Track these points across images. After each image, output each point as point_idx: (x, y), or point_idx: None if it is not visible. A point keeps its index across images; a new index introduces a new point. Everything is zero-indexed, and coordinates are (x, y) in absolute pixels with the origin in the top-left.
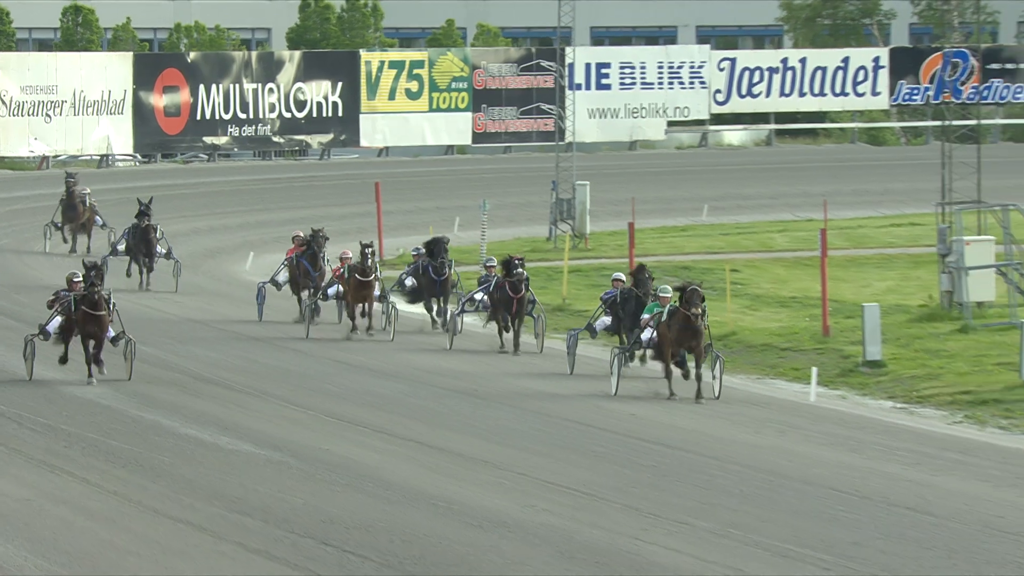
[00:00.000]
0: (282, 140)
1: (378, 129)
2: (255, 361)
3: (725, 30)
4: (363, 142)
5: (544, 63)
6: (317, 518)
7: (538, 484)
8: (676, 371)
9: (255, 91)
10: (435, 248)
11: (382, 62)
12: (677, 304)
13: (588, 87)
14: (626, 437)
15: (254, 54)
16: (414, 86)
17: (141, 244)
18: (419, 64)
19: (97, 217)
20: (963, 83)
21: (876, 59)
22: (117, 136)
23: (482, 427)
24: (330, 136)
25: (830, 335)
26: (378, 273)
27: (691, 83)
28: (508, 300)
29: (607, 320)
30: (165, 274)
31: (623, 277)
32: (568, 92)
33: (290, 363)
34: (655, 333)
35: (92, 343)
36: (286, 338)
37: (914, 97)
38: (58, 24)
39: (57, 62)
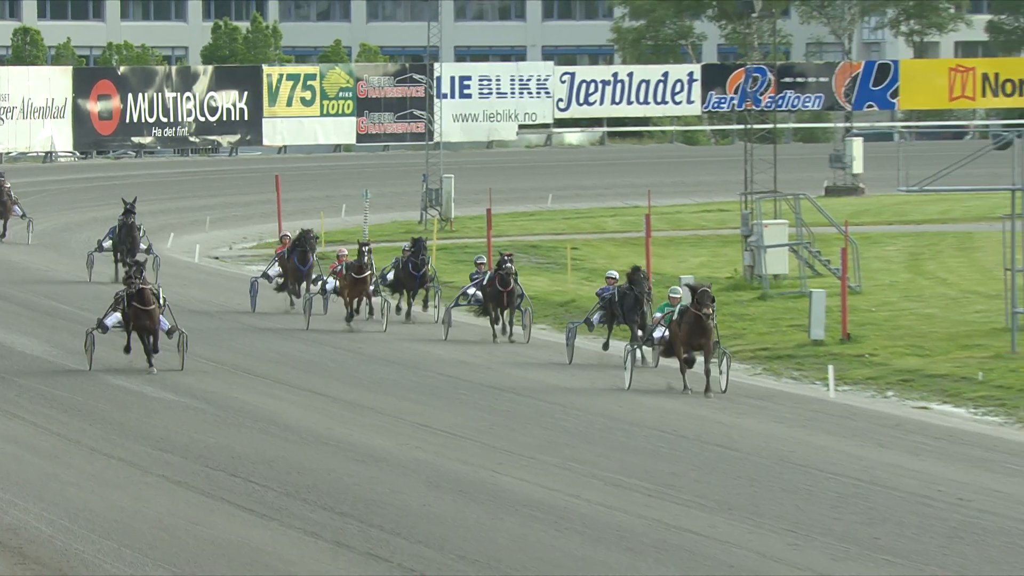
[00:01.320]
0: (197, 140)
1: (278, 131)
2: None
3: (566, 49)
4: (265, 141)
5: (416, 76)
6: (227, 455)
7: (411, 426)
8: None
9: (175, 99)
10: (416, 247)
11: (281, 75)
12: (687, 304)
13: (453, 96)
14: (484, 387)
15: (174, 68)
16: (308, 95)
17: (126, 240)
18: (312, 77)
19: (16, 207)
20: (762, 93)
21: (690, 74)
22: (59, 136)
23: (366, 380)
24: (237, 136)
25: (653, 301)
26: (373, 270)
27: (538, 93)
28: (499, 293)
29: (599, 315)
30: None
31: (616, 275)
32: (436, 100)
33: (206, 324)
34: (667, 331)
35: (147, 336)
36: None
37: (722, 105)
38: (9, 43)
39: (8, 74)
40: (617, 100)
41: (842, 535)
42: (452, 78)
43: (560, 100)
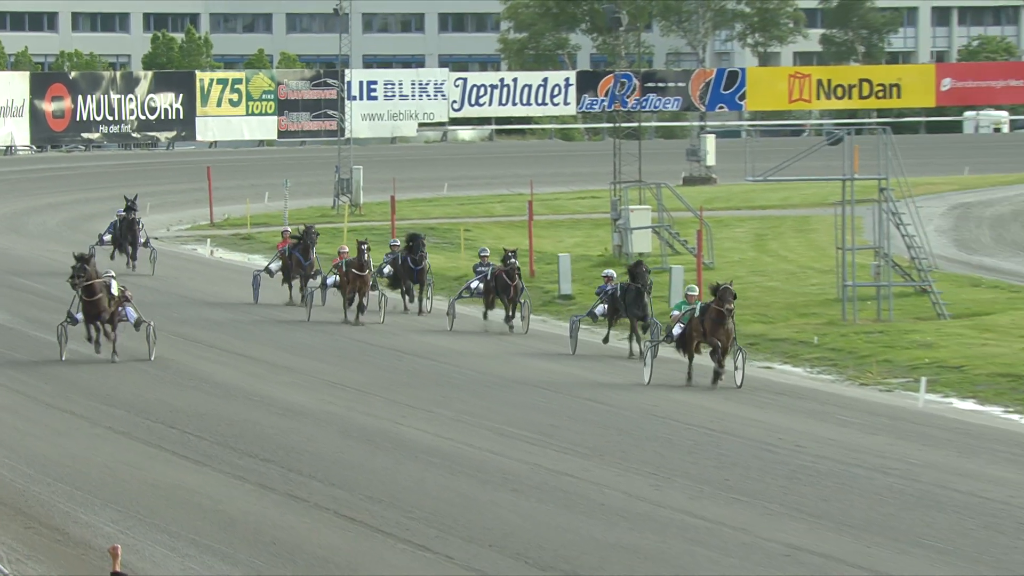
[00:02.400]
0: (139, 136)
1: (209, 128)
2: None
3: (459, 57)
4: (198, 137)
5: (329, 81)
6: (166, 409)
7: (325, 384)
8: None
9: (119, 100)
10: (414, 243)
11: (212, 80)
12: (708, 301)
13: (361, 98)
14: (389, 350)
15: (118, 73)
16: (235, 97)
17: (127, 234)
18: (239, 81)
19: None
20: (629, 96)
21: (567, 79)
22: (18, 132)
23: (286, 344)
24: (174, 133)
25: (535, 276)
26: (372, 268)
27: (435, 96)
28: (506, 285)
29: (603, 307)
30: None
31: (612, 274)
32: (347, 102)
33: (154, 297)
34: (684, 328)
35: (97, 324)
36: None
37: (594, 106)
38: None
39: None
40: (503, 102)
41: (697, 477)
42: (360, 82)
43: (454, 102)
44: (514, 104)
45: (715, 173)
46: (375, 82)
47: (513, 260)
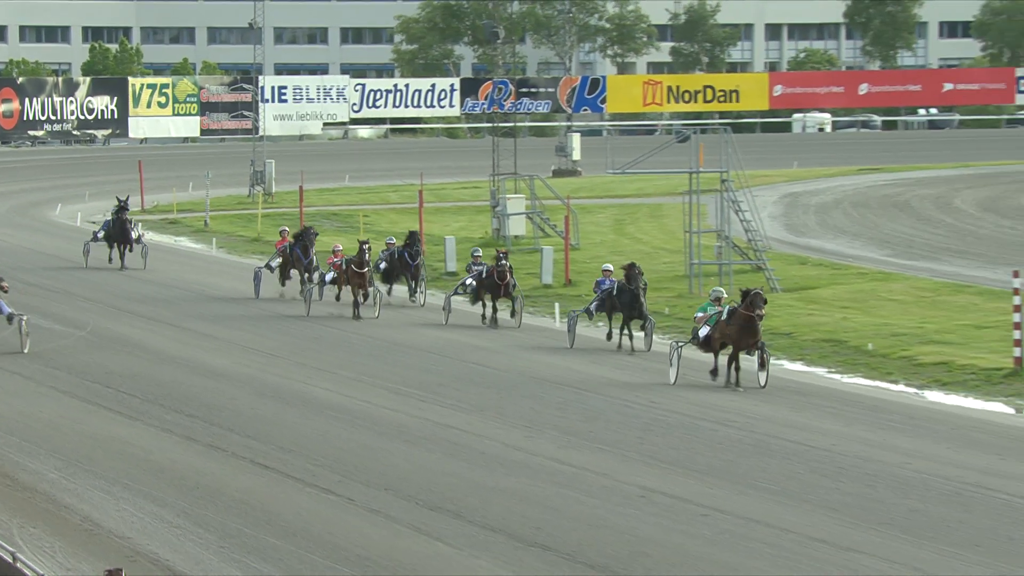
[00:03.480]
0: (79, 133)
1: (140, 127)
2: (83, 279)
3: (359, 66)
4: (131, 135)
5: (245, 86)
6: (103, 371)
7: (242, 349)
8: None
9: (61, 102)
10: (411, 239)
11: (142, 84)
12: (736, 305)
13: (273, 101)
14: (299, 320)
15: (60, 79)
16: (163, 99)
17: (119, 233)
18: (166, 86)
19: None
20: (506, 100)
21: (452, 85)
22: None
23: (208, 315)
24: (109, 131)
25: (426, 255)
26: (370, 265)
27: (337, 99)
28: (496, 285)
29: (598, 303)
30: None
31: (611, 267)
32: (260, 104)
33: (106, 278)
34: (710, 330)
35: None
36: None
37: (475, 109)
38: None
39: None
40: (397, 105)
41: (565, 429)
42: (272, 87)
43: (354, 104)
44: (406, 106)
45: (580, 167)
46: (285, 87)
47: (505, 261)
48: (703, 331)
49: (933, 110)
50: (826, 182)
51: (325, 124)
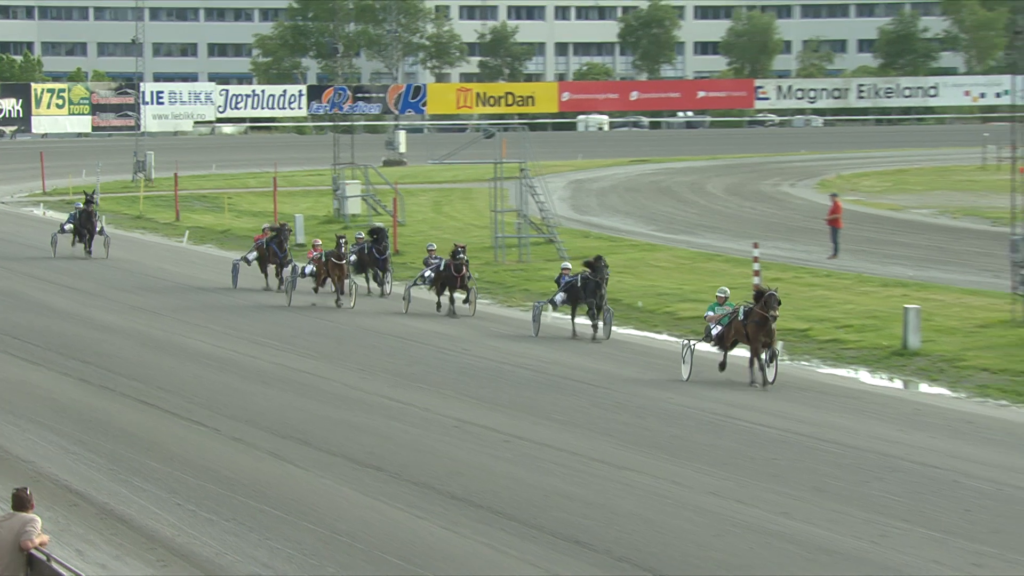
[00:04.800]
0: None
1: (41, 124)
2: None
3: (224, 75)
4: (34, 131)
5: (129, 91)
6: (10, 324)
7: (129, 308)
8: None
9: None
10: (378, 235)
11: (43, 89)
12: (750, 305)
13: (153, 103)
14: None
15: None
16: (60, 102)
17: (86, 224)
18: (63, 91)
19: None
20: (344, 103)
21: (301, 91)
22: None
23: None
24: (16, 127)
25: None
26: (347, 258)
27: (205, 102)
28: (452, 277)
29: (563, 296)
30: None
31: (569, 266)
32: (142, 106)
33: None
34: (723, 329)
35: None
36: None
37: (320, 110)
38: None
39: None
40: (255, 107)
41: (394, 372)
42: (152, 92)
43: (219, 107)
44: (262, 108)
45: (406, 158)
46: (162, 92)
47: (462, 255)
48: (715, 329)
49: (689, 113)
50: (604, 171)
51: (195, 123)
